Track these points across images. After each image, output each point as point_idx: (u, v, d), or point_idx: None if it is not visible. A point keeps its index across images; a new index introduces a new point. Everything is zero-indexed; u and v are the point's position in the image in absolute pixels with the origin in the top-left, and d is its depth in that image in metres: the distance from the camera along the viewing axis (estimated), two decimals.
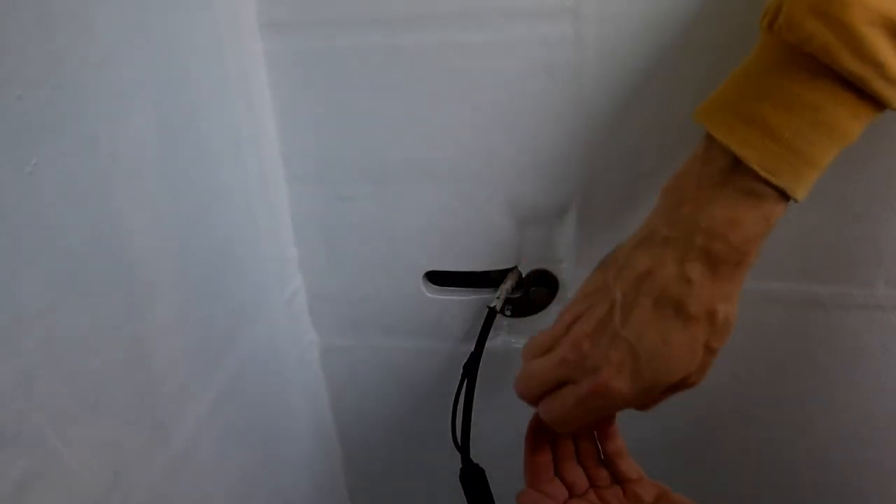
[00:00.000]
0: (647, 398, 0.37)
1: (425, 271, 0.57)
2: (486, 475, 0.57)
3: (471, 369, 0.54)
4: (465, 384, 0.54)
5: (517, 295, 0.56)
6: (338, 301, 0.60)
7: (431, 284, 0.58)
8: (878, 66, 0.29)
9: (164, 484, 0.40)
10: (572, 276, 0.54)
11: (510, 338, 0.59)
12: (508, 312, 0.57)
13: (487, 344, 0.53)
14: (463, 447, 0.55)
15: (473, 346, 0.54)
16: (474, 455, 0.56)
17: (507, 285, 0.54)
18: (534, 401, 0.42)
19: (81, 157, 0.32)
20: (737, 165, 0.33)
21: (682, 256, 0.34)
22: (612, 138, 0.47)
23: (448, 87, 0.48)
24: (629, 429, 0.62)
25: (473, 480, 0.56)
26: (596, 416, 0.39)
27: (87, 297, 0.33)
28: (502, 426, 0.64)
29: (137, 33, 0.36)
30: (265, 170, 0.51)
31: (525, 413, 0.63)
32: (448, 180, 0.52)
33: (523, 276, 0.55)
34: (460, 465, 0.56)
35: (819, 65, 0.30)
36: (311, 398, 0.63)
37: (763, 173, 0.32)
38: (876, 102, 0.31)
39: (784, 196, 0.33)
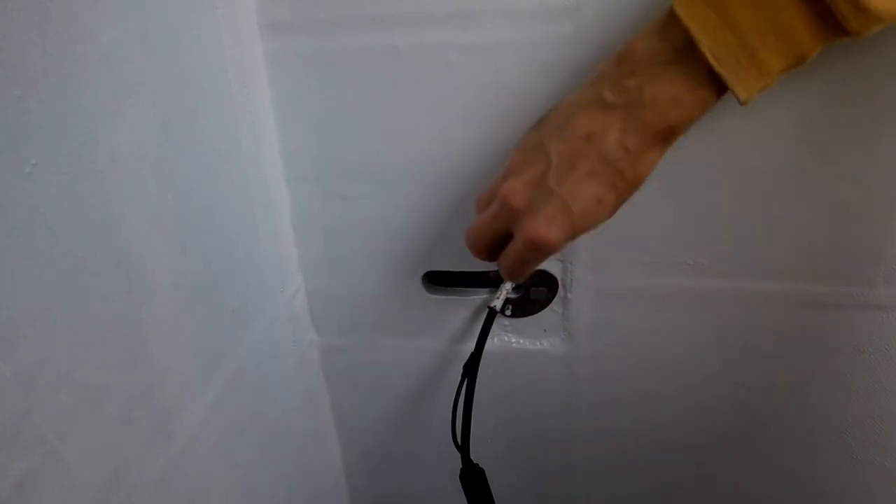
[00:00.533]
0: (568, 242, 0.40)
1: (425, 271, 0.57)
2: (486, 475, 0.57)
3: (471, 369, 0.54)
4: (465, 384, 0.54)
5: (517, 295, 0.56)
6: (338, 301, 0.60)
7: (431, 284, 0.58)
8: None
9: (164, 484, 0.40)
10: (572, 276, 0.54)
11: (510, 338, 0.59)
12: (508, 312, 0.57)
13: (487, 344, 0.53)
14: (463, 447, 0.55)
15: (473, 346, 0.53)
16: (474, 455, 0.56)
17: (507, 285, 0.54)
18: (481, 254, 0.43)
19: (81, 157, 0.32)
20: (691, 47, 0.34)
21: (623, 126, 0.36)
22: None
23: (448, 88, 0.48)
24: (629, 428, 0.62)
25: (473, 480, 0.56)
26: (539, 263, 0.41)
27: (87, 297, 0.33)
28: (502, 426, 0.64)
29: (137, 34, 0.36)
30: (265, 170, 0.51)
31: (525, 413, 0.63)
32: (448, 180, 0.52)
33: None
34: (460, 466, 0.56)
35: None
36: (311, 398, 0.63)
37: (710, 59, 0.33)
38: (832, 22, 0.32)
39: (724, 88, 0.34)
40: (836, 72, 0.43)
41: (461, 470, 0.56)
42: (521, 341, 0.59)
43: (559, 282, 0.55)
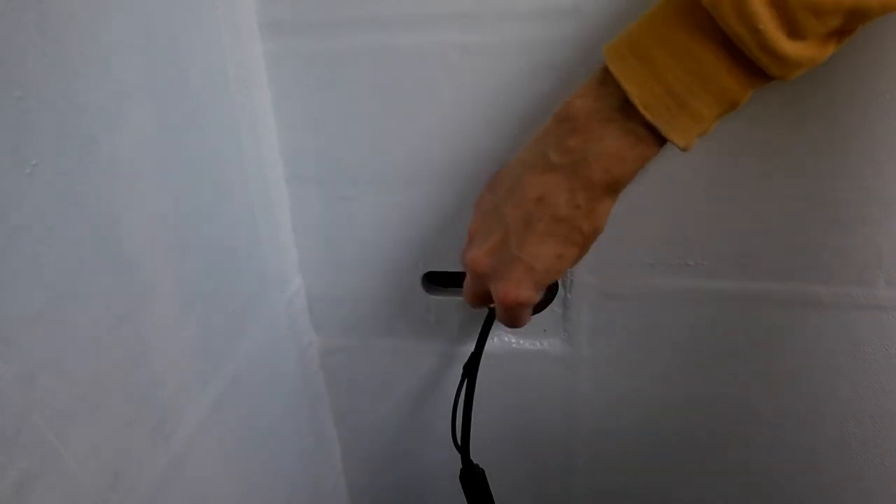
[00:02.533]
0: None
1: (425, 272, 0.57)
2: (486, 475, 0.57)
3: (471, 369, 0.54)
4: (465, 384, 0.54)
5: None
6: (338, 301, 0.60)
7: (431, 284, 0.58)
8: (757, 34, 0.31)
9: (163, 484, 0.40)
10: (572, 277, 0.54)
11: (510, 338, 0.59)
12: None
13: (487, 344, 0.53)
14: (463, 447, 0.55)
15: (473, 346, 0.53)
16: (474, 455, 0.56)
17: None
18: (477, 306, 0.46)
19: (81, 157, 0.32)
20: (626, 103, 0.35)
21: (571, 185, 0.38)
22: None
23: (448, 88, 0.48)
24: (629, 429, 0.62)
25: (473, 481, 0.56)
26: (527, 314, 0.44)
27: (87, 297, 0.33)
28: (502, 426, 0.64)
29: (137, 34, 0.36)
30: (265, 170, 0.51)
31: (525, 414, 0.63)
32: (448, 180, 0.52)
33: None
34: (460, 466, 0.56)
35: (710, 20, 0.32)
36: (311, 398, 0.63)
37: (642, 110, 0.34)
38: (754, 69, 0.33)
39: (662, 139, 0.36)
40: (836, 73, 0.43)
41: (461, 470, 0.56)
42: (521, 342, 0.59)
43: (559, 282, 0.55)
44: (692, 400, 0.58)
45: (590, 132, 0.37)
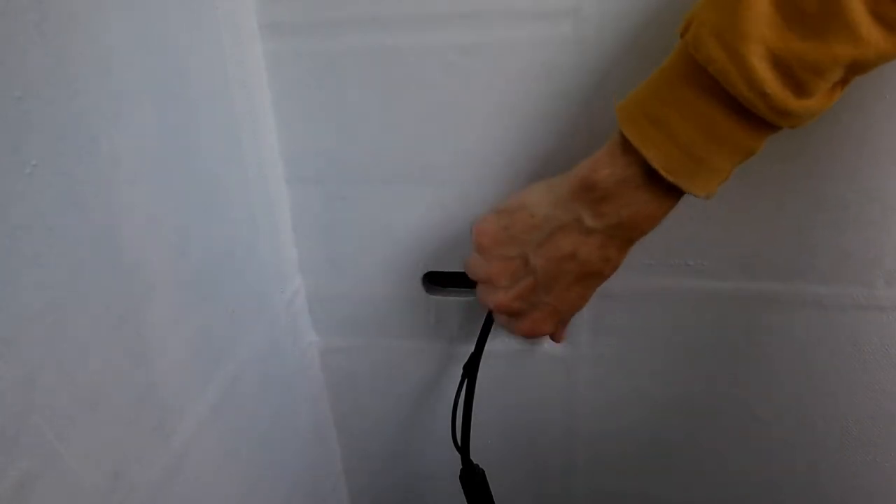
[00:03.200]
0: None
1: (425, 272, 0.57)
2: (486, 475, 0.57)
3: (471, 369, 0.54)
4: (465, 384, 0.54)
5: None
6: (338, 301, 0.60)
7: (431, 285, 0.58)
8: (766, 97, 0.32)
9: (164, 484, 0.40)
10: None
11: (510, 338, 0.59)
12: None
13: (487, 344, 0.53)
14: (463, 448, 0.55)
15: (473, 346, 0.54)
16: (474, 455, 0.56)
17: None
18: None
19: (81, 157, 0.32)
20: (649, 168, 0.37)
21: (604, 244, 0.41)
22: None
23: (448, 88, 0.48)
24: (629, 429, 0.62)
25: (473, 481, 0.56)
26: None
27: (87, 297, 0.33)
28: (502, 427, 0.64)
29: (137, 34, 0.36)
30: (265, 170, 0.51)
31: (525, 414, 0.63)
32: (448, 181, 0.52)
33: None
34: (460, 466, 0.56)
35: (718, 84, 0.33)
36: (311, 398, 0.63)
37: (664, 174, 0.36)
38: (765, 124, 0.34)
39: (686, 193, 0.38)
40: None
41: (461, 471, 0.56)
42: (522, 342, 0.59)
43: None
44: (692, 400, 0.58)
45: (621, 199, 0.39)
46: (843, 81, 0.33)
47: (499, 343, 0.59)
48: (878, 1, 0.30)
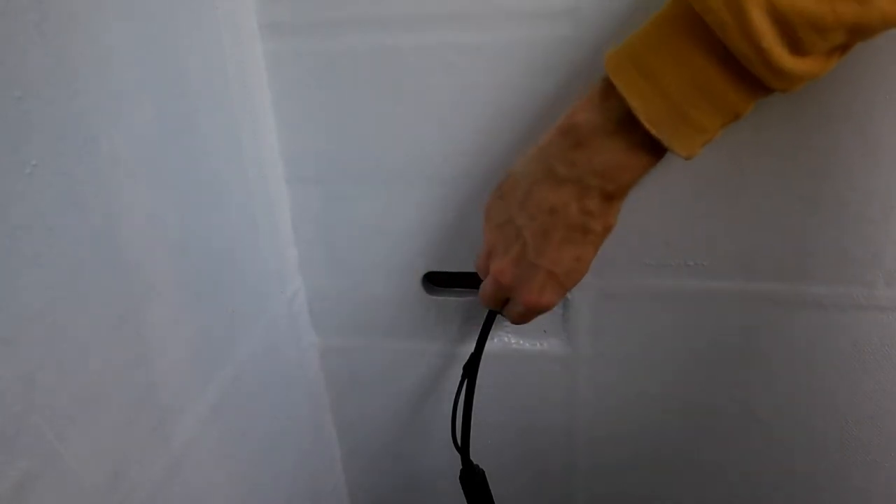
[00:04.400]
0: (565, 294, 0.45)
1: (425, 272, 0.57)
2: (486, 476, 0.57)
3: (471, 369, 0.54)
4: (465, 384, 0.54)
5: None
6: (338, 301, 0.60)
7: (431, 285, 0.58)
8: (761, 52, 0.31)
9: (163, 484, 0.40)
10: None
11: (510, 338, 0.59)
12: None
13: (487, 344, 0.53)
14: (463, 448, 0.55)
15: (473, 346, 0.53)
16: (474, 455, 0.56)
17: None
18: (495, 309, 0.49)
19: (81, 157, 0.32)
20: (629, 117, 0.35)
21: (580, 194, 0.39)
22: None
23: (448, 88, 0.48)
24: (629, 429, 0.62)
25: (473, 481, 0.56)
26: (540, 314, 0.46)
27: (87, 297, 0.33)
28: (502, 427, 0.64)
29: (137, 34, 0.36)
30: (265, 170, 0.51)
31: (525, 414, 0.63)
32: (448, 181, 0.52)
33: None
34: (460, 466, 0.56)
35: (714, 36, 0.32)
36: (311, 398, 0.63)
37: (647, 125, 0.35)
38: (757, 83, 0.33)
39: (665, 148, 0.36)
40: (836, 73, 0.43)
41: (461, 471, 0.56)
42: (522, 342, 0.59)
43: None
44: (692, 400, 0.58)
45: (595, 146, 0.38)
46: (843, 47, 0.33)
47: (499, 343, 0.59)
48: None
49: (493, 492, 0.57)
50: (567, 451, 0.65)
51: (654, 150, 0.37)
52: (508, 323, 0.58)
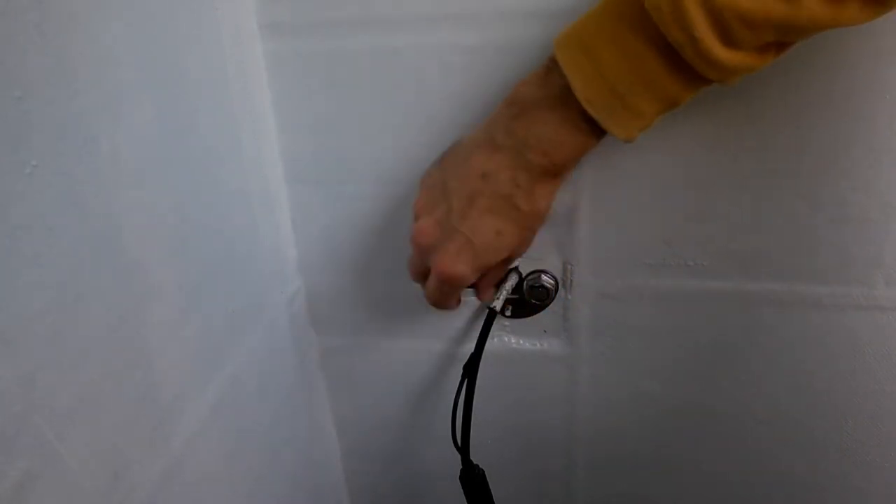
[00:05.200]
0: (484, 272, 0.44)
1: None
2: (486, 476, 0.57)
3: (471, 369, 0.54)
4: (465, 384, 0.54)
5: (517, 295, 0.56)
6: (338, 301, 0.60)
7: None
8: (694, 41, 0.32)
9: (163, 485, 0.40)
10: (572, 277, 0.54)
11: (510, 338, 0.59)
12: (508, 313, 0.57)
13: (487, 344, 0.53)
14: (463, 448, 0.55)
15: (473, 346, 0.53)
16: (473, 455, 0.56)
17: (507, 286, 0.54)
18: (419, 283, 0.48)
19: (81, 157, 0.32)
20: (569, 93, 0.36)
21: (513, 164, 0.40)
22: (613, 139, 0.47)
23: (447, 88, 0.48)
24: (629, 429, 0.62)
25: (473, 481, 0.56)
26: (457, 294, 0.46)
27: (87, 297, 0.33)
28: (502, 427, 0.64)
29: (137, 34, 0.36)
30: (265, 170, 0.51)
31: (524, 414, 0.63)
32: None
33: (523, 276, 0.55)
34: (460, 466, 0.56)
35: (653, 24, 0.33)
36: (311, 398, 0.63)
37: (584, 103, 0.36)
38: (693, 73, 0.34)
39: (602, 130, 0.37)
40: (836, 72, 0.43)
41: (461, 471, 0.56)
42: (521, 342, 0.59)
43: (559, 283, 0.55)
44: (691, 399, 0.58)
45: (533, 117, 0.38)
46: (778, 45, 0.33)
47: (499, 343, 0.59)
48: None
49: (492, 491, 0.57)
50: (566, 451, 0.65)
51: (592, 130, 0.38)
52: (508, 323, 0.58)
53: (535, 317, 0.57)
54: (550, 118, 0.38)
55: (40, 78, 0.29)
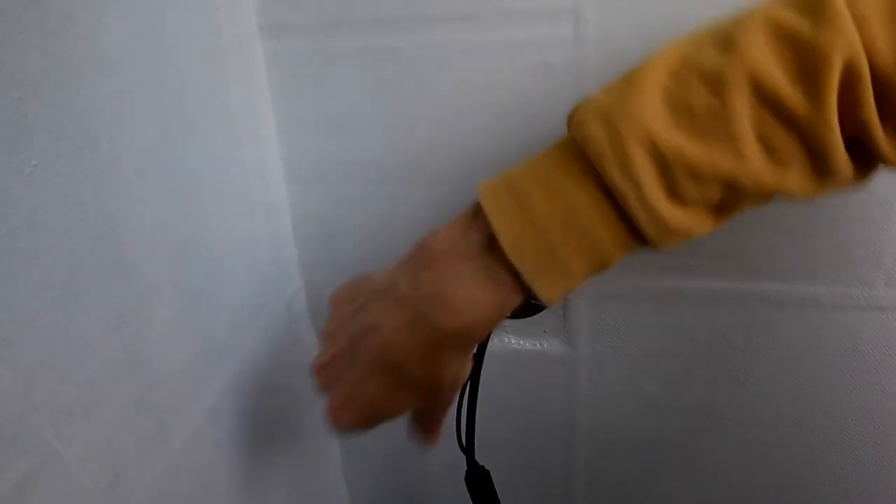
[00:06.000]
0: (385, 421, 0.39)
1: None
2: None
3: (473, 370, 0.54)
4: (467, 385, 0.54)
5: None
6: None
7: None
8: (637, 186, 0.29)
9: (163, 484, 0.40)
10: None
11: (510, 339, 0.59)
12: (509, 313, 0.57)
13: (488, 344, 0.53)
14: (468, 449, 0.54)
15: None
16: (476, 456, 0.56)
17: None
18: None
19: (81, 158, 0.32)
20: (492, 241, 0.32)
21: (412, 323, 0.34)
22: None
23: (448, 88, 0.48)
24: (629, 429, 0.62)
25: (479, 482, 0.56)
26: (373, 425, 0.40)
27: (87, 297, 0.33)
28: (502, 427, 0.64)
29: (137, 34, 0.36)
30: (265, 170, 0.51)
31: (525, 414, 0.63)
32: (447, 180, 0.52)
33: None
34: (465, 467, 0.56)
35: (592, 168, 0.30)
36: (311, 398, 0.63)
37: (507, 250, 0.31)
38: (629, 226, 0.31)
39: (525, 288, 0.32)
40: None
41: (467, 472, 0.56)
42: (522, 342, 0.59)
43: None
44: (691, 400, 0.58)
45: (446, 267, 0.33)
46: (721, 207, 0.31)
47: (499, 343, 0.59)
48: (765, 125, 0.29)
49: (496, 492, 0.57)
50: (567, 451, 0.65)
51: (514, 287, 0.33)
52: (508, 323, 0.58)
53: (535, 317, 0.57)
54: (465, 271, 0.33)
55: (40, 78, 0.29)
